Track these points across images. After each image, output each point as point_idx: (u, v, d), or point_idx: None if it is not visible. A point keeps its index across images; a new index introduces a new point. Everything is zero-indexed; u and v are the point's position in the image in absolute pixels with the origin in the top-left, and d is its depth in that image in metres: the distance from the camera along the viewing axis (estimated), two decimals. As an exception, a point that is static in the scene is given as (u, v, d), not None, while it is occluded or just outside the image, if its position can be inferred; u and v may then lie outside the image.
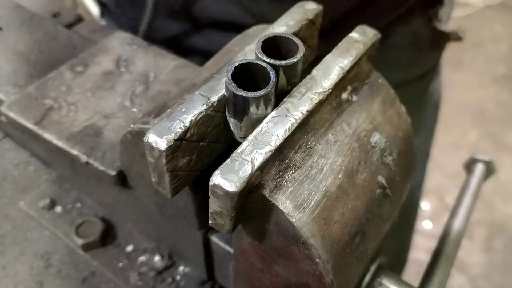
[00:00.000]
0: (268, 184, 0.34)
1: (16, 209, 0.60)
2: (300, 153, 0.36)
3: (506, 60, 2.66)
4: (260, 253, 0.40)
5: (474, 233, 1.88)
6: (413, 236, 1.09)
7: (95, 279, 0.54)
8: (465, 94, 2.43)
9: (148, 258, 0.56)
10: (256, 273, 0.42)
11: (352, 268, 0.39)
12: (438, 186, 2.04)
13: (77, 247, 0.56)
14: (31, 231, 0.58)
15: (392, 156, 0.43)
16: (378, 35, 0.45)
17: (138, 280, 0.54)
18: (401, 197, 0.46)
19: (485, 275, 1.77)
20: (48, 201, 0.61)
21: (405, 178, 0.45)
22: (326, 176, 0.37)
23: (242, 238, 0.40)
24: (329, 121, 0.39)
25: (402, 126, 0.45)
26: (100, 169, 0.50)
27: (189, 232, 0.49)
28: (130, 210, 0.56)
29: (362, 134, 0.41)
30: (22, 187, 0.63)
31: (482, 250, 1.84)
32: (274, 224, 0.35)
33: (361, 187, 0.39)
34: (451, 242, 0.52)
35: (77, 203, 0.61)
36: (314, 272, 0.36)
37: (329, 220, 0.36)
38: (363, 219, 0.39)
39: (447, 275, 0.49)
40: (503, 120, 2.32)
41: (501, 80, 2.53)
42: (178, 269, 0.56)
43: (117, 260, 0.56)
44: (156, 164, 0.36)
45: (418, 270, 0.70)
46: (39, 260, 0.55)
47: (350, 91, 0.42)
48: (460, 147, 2.20)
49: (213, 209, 0.34)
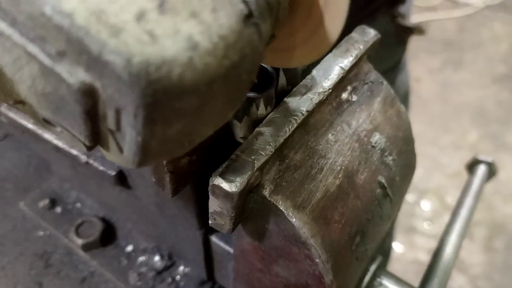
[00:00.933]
0: (268, 184, 0.34)
1: (16, 209, 0.60)
2: (300, 153, 0.36)
3: (506, 60, 2.66)
4: (260, 253, 0.40)
5: (475, 233, 1.88)
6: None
7: (94, 279, 0.54)
8: (465, 94, 2.43)
9: (147, 258, 0.56)
10: (255, 273, 0.42)
11: (352, 268, 0.39)
12: (438, 186, 2.04)
13: (77, 247, 0.56)
14: (31, 231, 0.58)
15: (392, 156, 0.43)
16: (378, 35, 0.45)
17: (138, 280, 0.54)
18: (401, 197, 0.45)
19: (486, 275, 1.77)
20: (48, 201, 0.61)
21: (405, 178, 0.45)
22: (326, 176, 0.36)
23: (242, 238, 0.40)
24: (329, 121, 0.39)
25: (402, 126, 0.45)
26: (100, 169, 0.50)
27: (189, 232, 0.49)
28: (130, 210, 0.56)
29: (362, 134, 0.41)
30: (22, 187, 0.63)
31: (482, 250, 1.84)
32: (274, 224, 0.35)
33: (361, 187, 0.39)
34: (452, 243, 0.52)
35: (77, 203, 0.61)
36: (314, 272, 0.36)
37: (329, 220, 0.36)
38: (363, 219, 0.39)
39: (447, 276, 0.49)
40: (503, 120, 2.32)
41: (501, 80, 2.54)
42: (178, 269, 0.55)
43: (117, 260, 0.56)
44: (156, 164, 0.36)
45: (418, 270, 0.70)
46: (39, 260, 0.55)
47: (350, 91, 0.42)
48: (460, 147, 2.20)
49: (213, 209, 0.34)
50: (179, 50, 0.21)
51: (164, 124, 0.23)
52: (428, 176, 2.06)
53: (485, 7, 2.98)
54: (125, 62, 0.20)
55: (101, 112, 0.24)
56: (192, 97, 0.23)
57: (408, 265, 1.74)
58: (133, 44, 0.21)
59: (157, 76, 0.21)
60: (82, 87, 0.22)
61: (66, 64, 0.22)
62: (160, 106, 0.22)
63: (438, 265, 0.50)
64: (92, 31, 0.21)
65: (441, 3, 2.96)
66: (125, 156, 0.25)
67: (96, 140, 0.26)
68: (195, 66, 0.22)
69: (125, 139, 0.24)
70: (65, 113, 0.25)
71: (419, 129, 1.99)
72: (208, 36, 0.22)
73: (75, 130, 0.26)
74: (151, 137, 0.23)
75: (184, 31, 0.22)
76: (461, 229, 0.54)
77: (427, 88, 2.42)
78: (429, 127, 2.23)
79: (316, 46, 0.31)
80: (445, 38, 2.75)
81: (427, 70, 2.53)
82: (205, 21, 0.22)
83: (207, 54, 0.22)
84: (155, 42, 0.21)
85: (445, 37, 2.75)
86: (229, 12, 0.23)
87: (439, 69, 2.56)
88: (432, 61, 2.58)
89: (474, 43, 2.77)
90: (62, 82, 0.23)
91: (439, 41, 2.69)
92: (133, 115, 0.22)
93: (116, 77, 0.21)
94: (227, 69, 0.23)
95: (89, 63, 0.21)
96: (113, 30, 0.21)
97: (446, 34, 2.79)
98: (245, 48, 0.24)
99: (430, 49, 2.61)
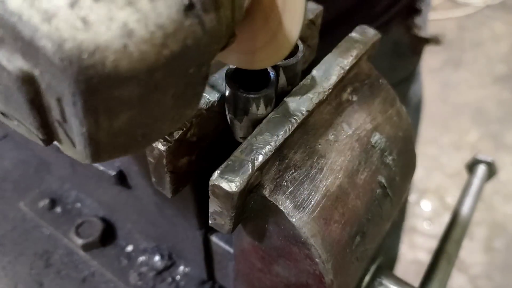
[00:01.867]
0: (268, 184, 0.34)
1: (16, 209, 0.60)
2: (300, 153, 0.36)
3: (506, 59, 2.66)
4: (260, 253, 0.40)
5: (475, 233, 1.88)
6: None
7: (94, 279, 0.54)
8: (465, 94, 2.43)
9: (148, 258, 0.56)
10: (256, 273, 0.42)
11: (352, 268, 0.39)
12: (438, 186, 2.04)
13: (77, 247, 0.56)
14: (31, 231, 0.58)
15: (392, 156, 0.43)
16: (378, 35, 0.45)
17: (138, 280, 0.54)
18: (402, 197, 0.45)
19: (486, 275, 1.77)
20: (48, 201, 0.61)
21: (405, 178, 0.45)
22: (326, 176, 0.36)
23: (242, 238, 0.40)
24: (329, 121, 0.39)
25: (403, 126, 0.45)
26: (100, 169, 0.50)
27: (189, 232, 0.49)
28: (130, 210, 0.56)
29: (362, 134, 0.41)
30: (22, 187, 0.63)
31: (482, 250, 1.84)
32: (274, 224, 0.35)
33: (361, 187, 0.39)
34: (453, 243, 0.52)
35: (77, 203, 0.61)
36: (314, 272, 0.36)
37: (329, 220, 0.36)
38: (363, 219, 0.39)
39: (447, 276, 0.49)
40: (503, 120, 2.32)
41: (502, 80, 2.54)
42: (178, 269, 0.55)
43: (117, 260, 0.56)
44: (156, 164, 0.36)
45: (418, 270, 0.70)
46: (39, 260, 0.55)
47: (350, 91, 0.42)
48: (460, 147, 2.20)
49: (213, 209, 0.34)
50: (113, 37, 0.21)
51: (108, 114, 0.23)
52: (428, 176, 2.06)
53: (486, 6, 2.98)
54: (57, 47, 0.20)
55: (46, 102, 0.23)
56: (132, 86, 0.23)
57: (408, 265, 1.74)
58: (65, 29, 0.20)
59: (90, 62, 0.21)
60: (20, 75, 0.22)
61: (5, 51, 0.22)
62: (98, 93, 0.22)
63: (438, 265, 0.50)
64: (24, 16, 0.20)
65: (442, 2, 2.96)
66: (78, 150, 0.25)
67: (49, 133, 0.26)
68: (131, 53, 0.21)
69: (73, 131, 0.24)
70: (14, 104, 0.25)
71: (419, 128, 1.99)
72: (145, 25, 0.22)
73: (26, 122, 0.26)
74: (97, 128, 0.23)
75: (119, 19, 0.21)
76: (461, 229, 0.54)
77: (427, 87, 2.41)
78: (429, 127, 2.23)
79: (277, 49, 0.32)
80: (446, 37, 2.75)
81: (427, 69, 2.52)
82: (142, 10, 0.22)
83: (143, 42, 0.22)
84: (88, 28, 0.21)
85: (445, 37, 2.75)
86: (168, 2, 0.23)
87: (439, 69, 2.56)
88: (432, 60, 2.57)
89: (474, 43, 2.77)
90: (3, 69, 0.23)
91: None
92: (72, 103, 0.22)
93: (49, 63, 0.21)
94: (167, 59, 0.23)
95: (24, 49, 0.21)
96: (46, 16, 0.20)
97: (446, 33, 2.79)
98: (187, 39, 0.24)
99: (430, 49, 2.61)
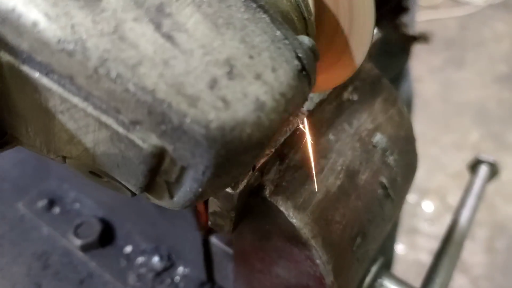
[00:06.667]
0: (268, 184, 0.34)
1: (14, 210, 0.60)
2: (300, 153, 0.36)
3: (507, 59, 2.66)
4: (260, 254, 0.39)
5: (476, 234, 1.87)
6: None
7: (93, 280, 0.54)
8: (467, 94, 2.42)
9: (147, 259, 0.56)
10: (256, 274, 0.42)
11: (353, 269, 0.39)
12: (440, 186, 2.04)
13: (76, 248, 0.56)
14: (29, 231, 0.58)
15: (393, 156, 0.42)
16: (378, 33, 0.44)
17: (137, 281, 0.54)
18: (403, 197, 0.45)
19: (487, 276, 1.76)
20: (47, 202, 0.61)
21: (406, 178, 0.45)
22: (327, 177, 0.36)
23: (242, 239, 0.39)
24: (330, 121, 0.39)
25: (404, 126, 0.45)
26: (99, 169, 0.49)
27: (189, 233, 0.48)
28: (129, 211, 0.55)
29: (363, 133, 0.40)
30: (20, 187, 0.62)
31: (484, 250, 1.84)
32: (274, 225, 0.35)
33: (362, 187, 0.39)
34: (454, 243, 0.52)
35: (76, 204, 0.61)
36: (315, 273, 0.35)
37: (330, 221, 0.35)
38: (364, 219, 0.39)
39: (449, 276, 0.49)
40: (504, 120, 2.31)
41: (503, 80, 2.53)
42: (177, 270, 0.55)
43: (116, 261, 0.56)
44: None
45: (419, 271, 0.70)
46: (37, 261, 0.55)
47: (351, 90, 0.42)
48: (461, 147, 2.19)
49: (213, 210, 0.34)
50: (248, 111, 0.23)
51: (226, 175, 0.25)
52: (429, 176, 2.06)
53: (487, 6, 2.98)
54: (204, 130, 0.22)
55: (164, 168, 0.25)
56: (257, 150, 0.25)
57: (409, 266, 1.74)
58: (209, 111, 0.23)
59: (230, 138, 0.23)
60: (154, 151, 0.24)
61: (139, 132, 0.24)
62: (229, 163, 0.24)
63: (439, 265, 0.49)
64: (173, 103, 0.22)
65: (443, 2, 2.96)
66: (175, 201, 0.27)
67: (145, 190, 0.28)
68: (263, 124, 0.24)
69: (181, 189, 0.26)
70: (124, 169, 0.27)
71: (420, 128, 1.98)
72: (272, 95, 0.24)
73: (129, 183, 0.28)
74: (210, 187, 0.26)
75: (252, 93, 0.24)
76: (463, 229, 0.54)
77: (428, 87, 2.42)
78: (430, 126, 2.22)
79: (341, 71, 0.32)
80: (447, 37, 2.75)
81: (428, 69, 2.53)
82: (268, 81, 0.24)
83: (272, 112, 0.24)
84: (228, 107, 0.23)
85: (446, 36, 2.75)
86: (286, 69, 0.25)
87: (440, 68, 2.55)
88: (434, 60, 2.57)
89: (475, 42, 2.76)
90: (134, 146, 0.25)
91: (441, 40, 2.68)
92: (202, 172, 0.24)
93: (194, 142, 0.23)
94: (284, 121, 0.25)
95: (166, 131, 0.23)
96: (191, 100, 0.23)
97: (448, 33, 2.78)
98: (300, 99, 0.26)
99: (432, 48, 2.61)
